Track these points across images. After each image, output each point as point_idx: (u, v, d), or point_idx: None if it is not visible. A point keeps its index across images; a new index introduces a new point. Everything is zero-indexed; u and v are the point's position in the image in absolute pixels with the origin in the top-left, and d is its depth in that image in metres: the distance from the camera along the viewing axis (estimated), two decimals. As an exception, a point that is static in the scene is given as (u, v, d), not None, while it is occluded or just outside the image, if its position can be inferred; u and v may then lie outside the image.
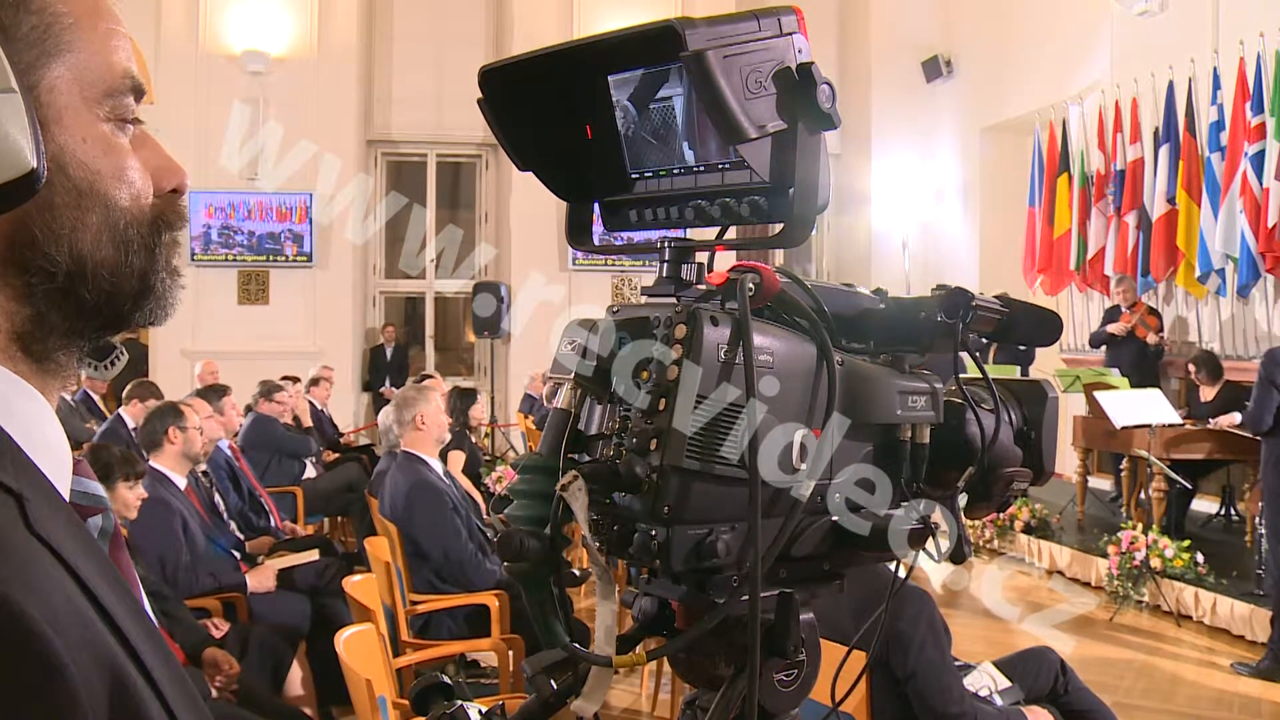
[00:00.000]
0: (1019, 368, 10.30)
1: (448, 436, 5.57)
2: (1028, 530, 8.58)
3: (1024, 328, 1.23)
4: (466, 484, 6.41)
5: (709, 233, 1.15)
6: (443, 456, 5.60)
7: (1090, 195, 10.87)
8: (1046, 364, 10.21)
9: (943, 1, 13.55)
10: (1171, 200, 9.68)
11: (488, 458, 10.06)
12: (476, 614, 4.76)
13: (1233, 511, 8.87)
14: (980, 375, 1.22)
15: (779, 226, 1.02)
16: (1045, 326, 1.27)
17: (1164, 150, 9.80)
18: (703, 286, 1.07)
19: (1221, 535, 8.34)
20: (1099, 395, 8.03)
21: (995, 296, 1.21)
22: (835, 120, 0.98)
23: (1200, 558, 6.96)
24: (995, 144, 12.86)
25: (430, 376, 9.14)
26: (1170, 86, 9.77)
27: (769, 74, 0.96)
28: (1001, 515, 8.66)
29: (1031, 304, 1.25)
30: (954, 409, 1.18)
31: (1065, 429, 9.56)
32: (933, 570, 8.11)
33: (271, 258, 12.64)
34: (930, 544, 1.18)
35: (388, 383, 12.53)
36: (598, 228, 1.20)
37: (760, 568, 0.98)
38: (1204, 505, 8.83)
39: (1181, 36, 9.72)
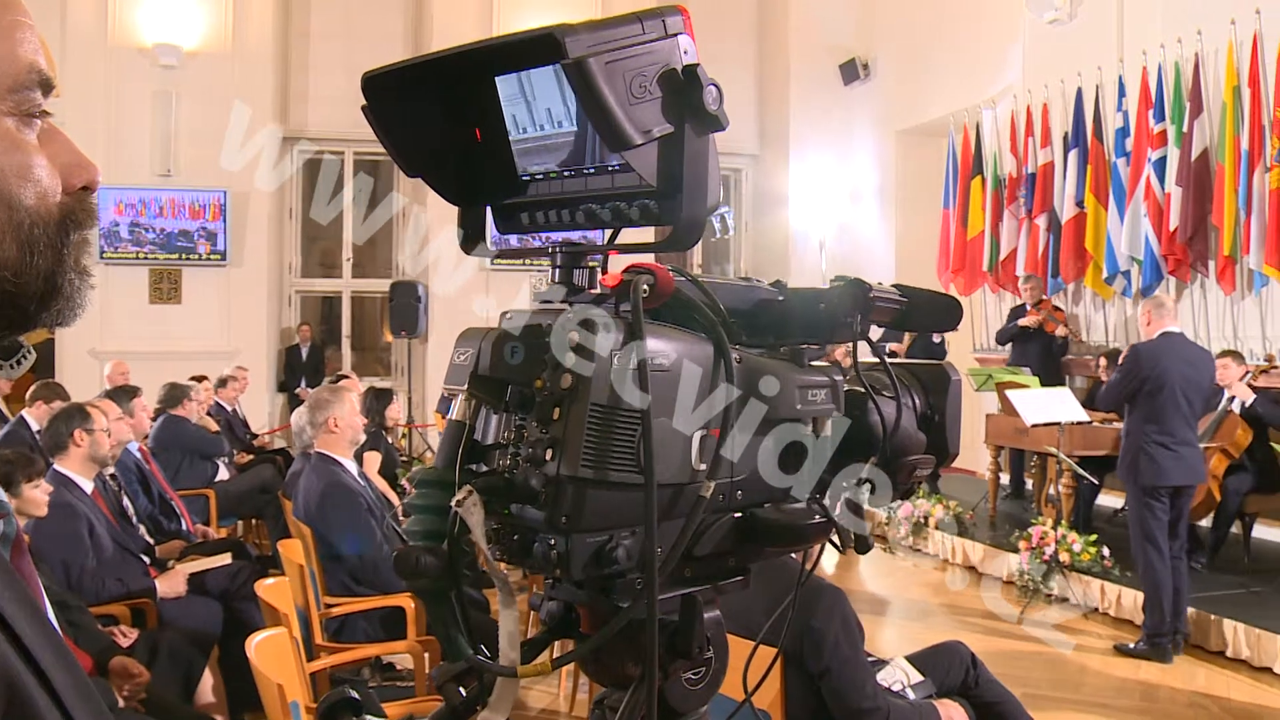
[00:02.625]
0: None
1: (362, 437, 5.50)
2: (941, 527, 8.72)
3: (924, 315, 1.24)
4: (382, 485, 6.34)
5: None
6: (358, 457, 5.53)
7: (1003, 198, 11.09)
8: (960, 364, 10.38)
9: (861, 6, 13.71)
10: (1080, 204, 9.93)
11: (405, 458, 9.97)
12: (392, 616, 4.71)
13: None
14: (880, 363, 1.24)
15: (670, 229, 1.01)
16: (945, 313, 1.28)
17: (1073, 155, 10.04)
18: (596, 290, 1.06)
19: (1126, 529, 8.52)
20: (1010, 394, 8.18)
21: (893, 286, 1.21)
22: (723, 121, 0.97)
23: (1106, 551, 7.14)
24: (911, 147, 13.05)
25: (346, 377, 9.02)
26: (1079, 93, 10.02)
27: (654, 77, 0.95)
28: (916, 512, 8.80)
29: (930, 291, 1.25)
30: (855, 399, 1.18)
31: (978, 426, 9.74)
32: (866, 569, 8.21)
33: (184, 256, 12.38)
34: (850, 535, 1.20)
35: (303, 383, 12.34)
36: (496, 232, 1.19)
37: (657, 576, 0.97)
38: (1110, 500, 9.03)
39: (1089, 45, 9.97)
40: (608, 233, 1.11)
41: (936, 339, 10.32)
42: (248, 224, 12.52)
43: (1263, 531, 7.97)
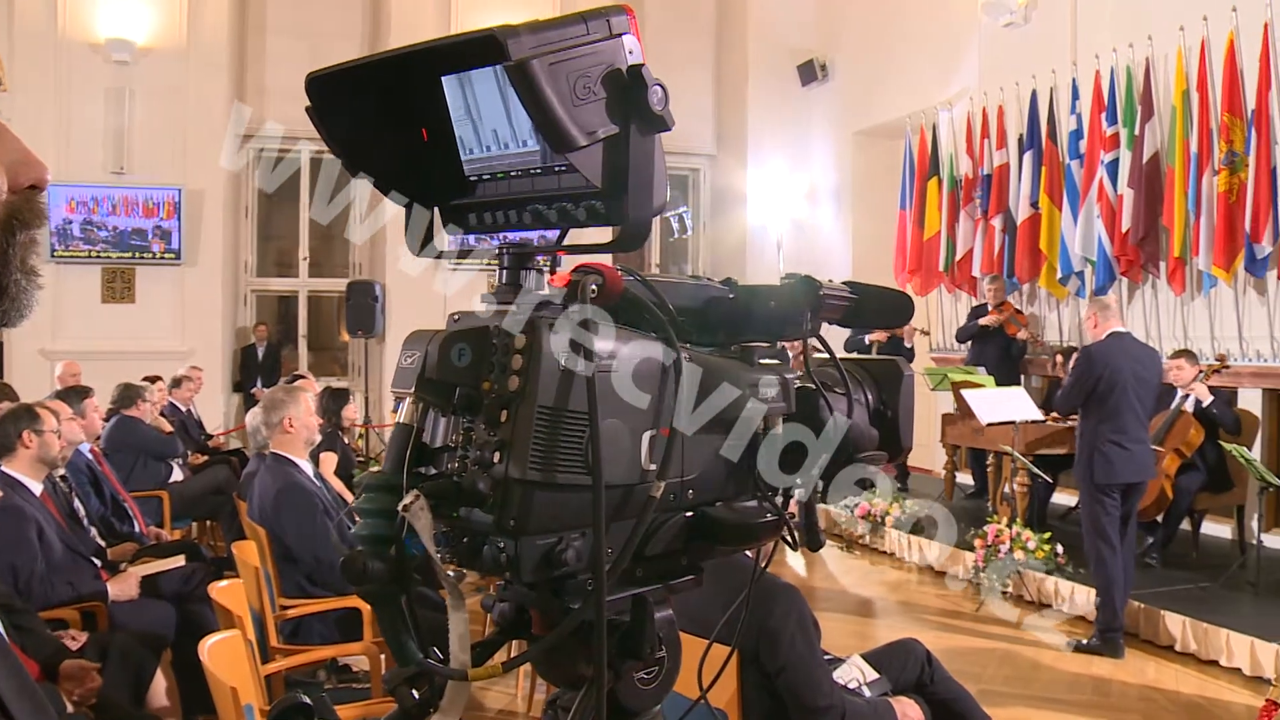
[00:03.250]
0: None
1: (318, 438, 5.46)
2: (898, 526, 8.78)
3: (874, 311, 1.25)
4: (339, 486, 6.29)
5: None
6: (314, 458, 5.49)
7: (959, 199, 11.19)
8: (918, 364, 10.46)
9: (819, 7, 13.77)
10: (1035, 205, 10.03)
11: (361, 459, 9.89)
12: (348, 617, 4.68)
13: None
14: (831, 360, 1.24)
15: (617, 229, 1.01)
16: (895, 308, 1.28)
17: (1028, 156, 10.14)
18: (544, 292, 1.06)
19: (1079, 527, 8.61)
20: (966, 393, 8.25)
21: (844, 283, 1.22)
22: (668, 121, 0.96)
23: (1060, 549, 7.23)
24: (868, 147, 13.12)
25: (302, 377, 8.95)
26: (1033, 96, 10.12)
27: (598, 78, 0.94)
28: (873, 511, 8.86)
29: (880, 287, 1.26)
30: (806, 397, 1.19)
31: (935, 426, 9.83)
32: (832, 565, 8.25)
33: (138, 254, 12.23)
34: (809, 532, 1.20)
35: (259, 383, 12.23)
36: (465, 235, 1.18)
37: (606, 578, 0.97)
38: (1064, 498, 9.13)
39: (1044, 48, 10.08)
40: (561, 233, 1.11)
41: (908, 344, 10.37)
42: (203, 222, 12.38)
43: (1210, 528, 8.10)
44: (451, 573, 1.04)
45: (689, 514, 1.11)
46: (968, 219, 11.04)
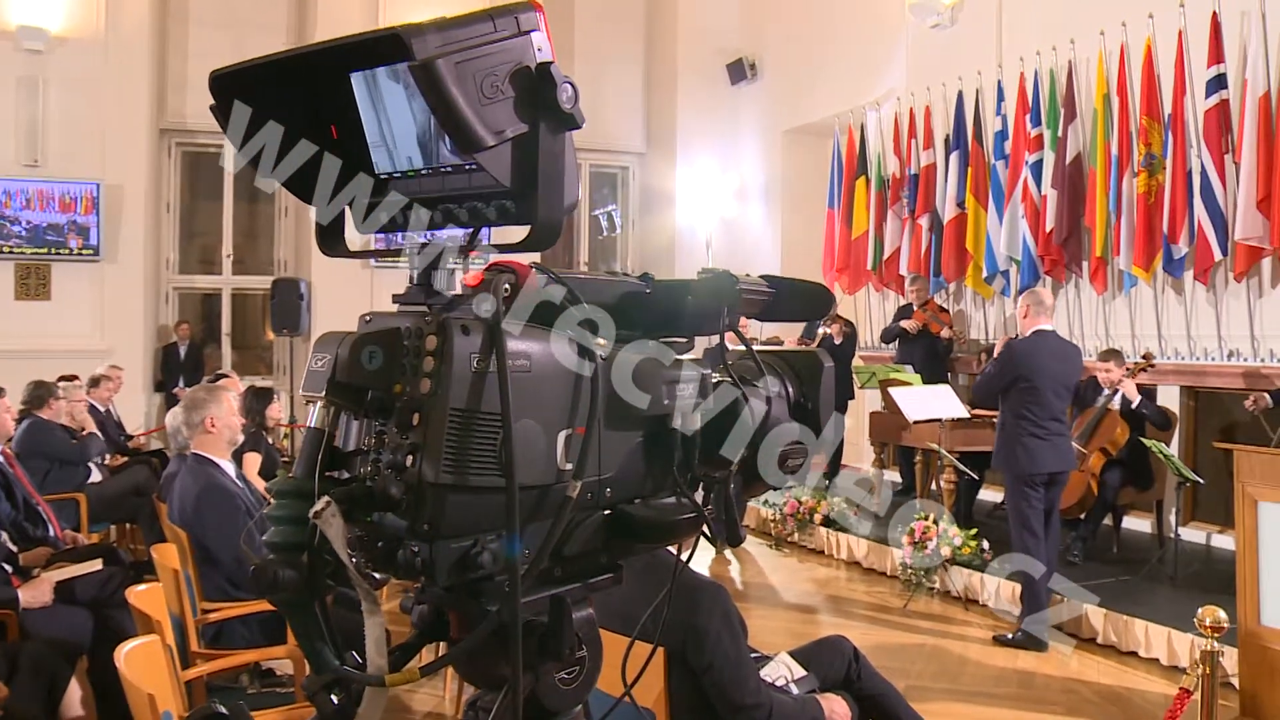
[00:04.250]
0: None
1: (241, 438, 5.37)
2: (827, 523, 8.86)
3: (792, 304, 1.26)
4: (262, 487, 6.19)
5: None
6: (237, 459, 5.40)
7: (886, 198, 11.31)
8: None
9: (748, 6, 13.84)
10: (961, 205, 10.17)
11: (286, 459, 9.76)
12: (272, 620, 4.60)
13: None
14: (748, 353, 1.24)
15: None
16: (813, 301, 1.29)
17: (954, 157, 10.29)
18: (456, 292, 1.05)
19: (1005, 523, 8.74)
20: (893, 391, 8.34)
21: (761, 277, 1.22)
22: (578, 119, 0.96)
23: (986, 544, 7.34)
24: (797, 146, 13.22)
25: (226, 375, 8.79)
26: (959, 97, 10.27)
27: (506, 76, 0.93)
28: (801, 509, 8.92)
29: (798, 280, 1.27)
30: (725, 392, 1.19)
31: (863, 423, 9.93)
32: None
33: (54, 250, 11.93)
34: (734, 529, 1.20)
35: (181, 383, 11.99)
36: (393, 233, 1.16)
37: (520, 581, 0.97)
38: (989, 495, 9.27)
39: (970, 50, 10.24)
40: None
41: (837, 340, 10.43)
42: (123, 218, 12.12)
43: (1131, 523, 8.28)
44: (379, 575, 1.03)
45: (607, 512, 1.11)
46: (895, 218, 11.17)
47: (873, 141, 11.69)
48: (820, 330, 10.37)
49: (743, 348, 1.25)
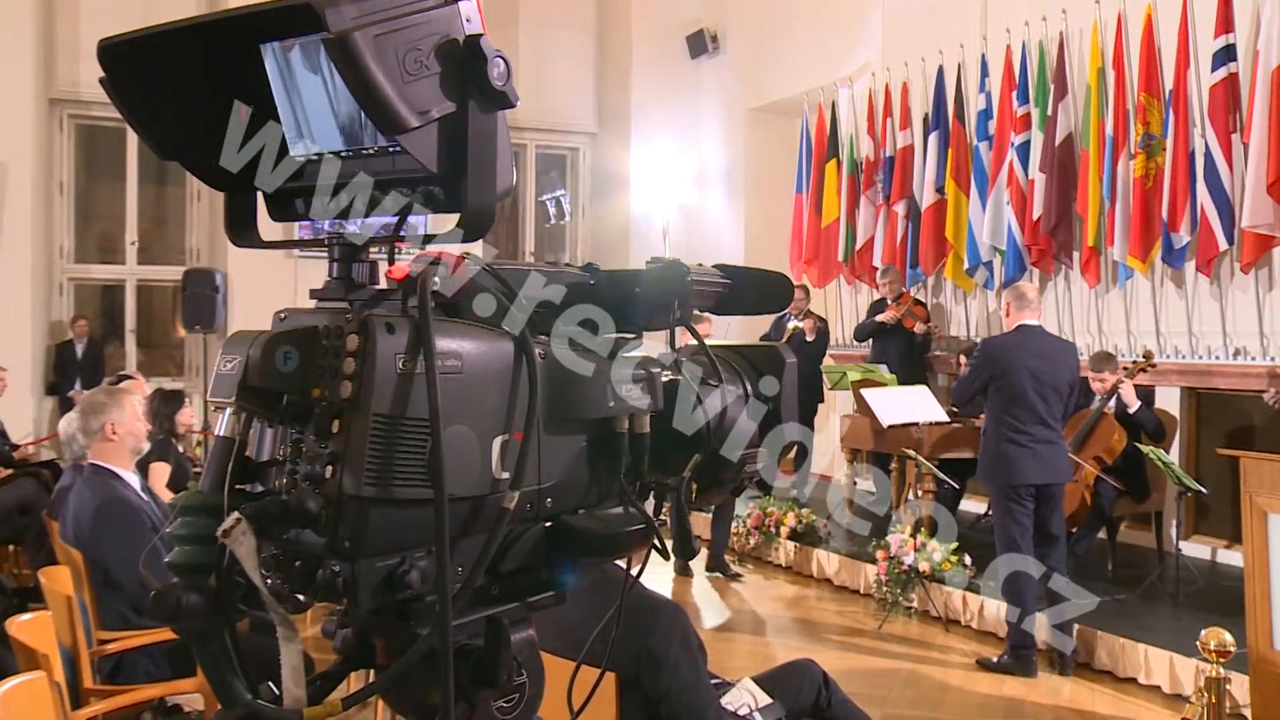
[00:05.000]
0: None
1: (146, 446, 5.31)
2: (794, 537, 8.91)
3: (749, 296, 1.27)
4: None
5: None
6: (142, 469, 5.34)
7: (859, 183, 11.40)
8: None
9: (709, -28, 13.86)
10: (940, 190, 10.25)
11: (198, 470, 9.66)
12: (179, 651, 4.56)
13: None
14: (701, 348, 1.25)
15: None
16: (772, 292, 1.30)
17: (933, 138, 10.37)
18: (380, 286, 1.05)
19: (989, 536, 8.81)
20: (866, 393, 8.39)
21: (715, 266, 1.23)
22: (511, 98, 0.96)
23: (969, 560, 7.41)
24: (762, 126, 13.27)
25: (129, 377, 8.68)
26: (940, 73, 10.35)
27: (430, 50, 0.93)
28: (767, 521, 8.96)
29: (755, 270, 1.28)
30: (676, 392, 1.20)
31: (834, 428, 9.97)
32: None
33: (-71, 237, 11.72)
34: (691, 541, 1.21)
35: (78, 384, 11.82)
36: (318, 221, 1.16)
37: (451, 601, 0.97)
38: (972, 505, 9.35)
39: (952, 22, 10.31)
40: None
41: (810, 336, 10.45)
42: (6, 200, 11.92)
43: (1128, 536, 8.34)
44: (302, 598, 1.02)
45: (548, 524, 1.12)
46: (869, 205, 11.24)
47: (845, 121, 11.76)
48: (790, 325, 10.42)
49: (696, 343, 1.26)
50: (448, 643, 0.97)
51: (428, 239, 1.04)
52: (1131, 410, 7.64)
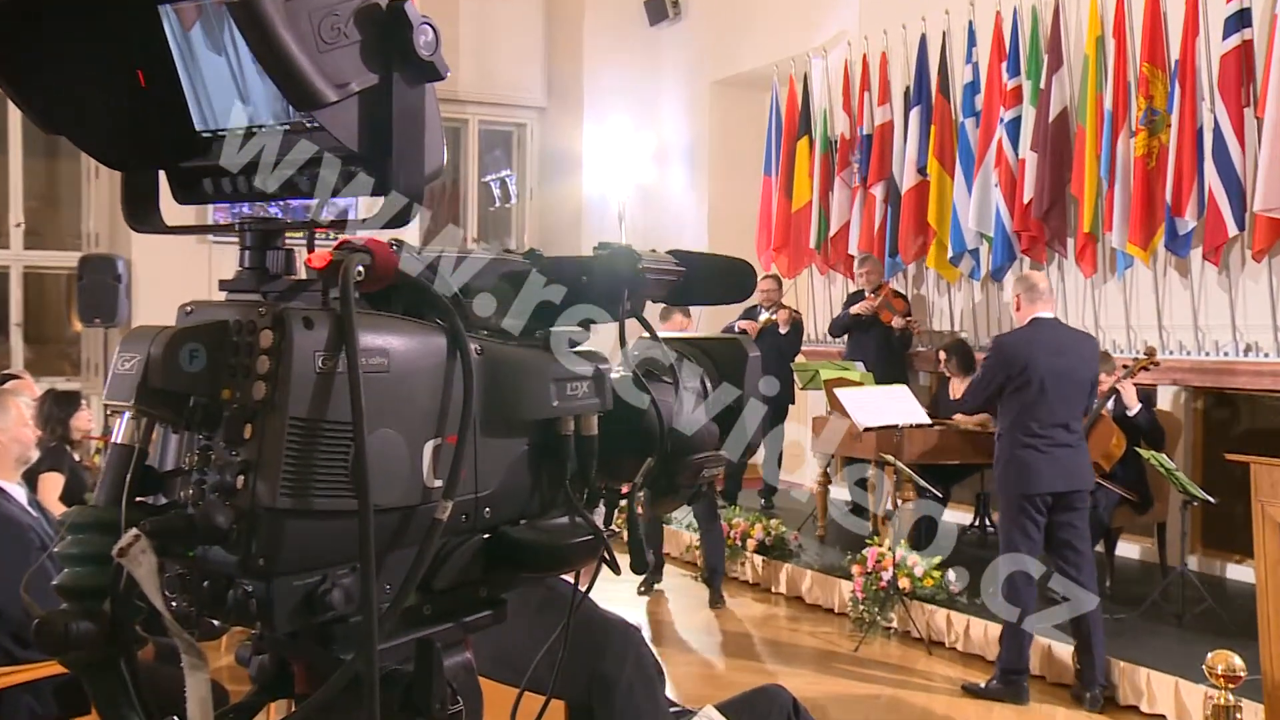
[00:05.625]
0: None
1: (35, 454, 5.25)
2: (762, 550, 8.94)
3: (707, 286, 1.27)
4: (67, 515, 6.06)
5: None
6: (30, 480, 5.28)
7: (833, 163, 11.41)
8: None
9: (670, -71, 13.84)
10: (922, 170, 10.28)
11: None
12: (69, 686, 4.51)
13: (987, 522, 9.49)
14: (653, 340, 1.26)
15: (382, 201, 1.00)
16: (732, 281, 1.31)
17: (915, 113, 10.40)
18: (297, 276, 1.04)
19: (975, 550, 8.88)
20: (840, 393, 8.40)
21: (669, 253, 1.24)
22: (440, 69, 0.96)
23: (952, 575, 7.44)
24: (727, 100, 13.28)
25: (15, 376, 8.58)
26: (922, 42, 10.38)
27: (349, 16, 0.93)
28: (732, 533, 8.97)
29: (714, 256, 1.29)
30: (627, 390, 1.21)
31: (806, 431, 9.99)
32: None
33: None
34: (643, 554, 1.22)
35: (-40, 385, 11.69)
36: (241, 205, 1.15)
37: (376, 623, 0.97)
38: (956, 516, 9.40)
39: (934, -16, 10.31)
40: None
41: (784, 329, 10.43)
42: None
43: (1127, 549, 8.41)
44: (217, 623, 1.02)
45: (486, 536, 1.12)
46: (844, 187, 11.27)
47: (818, 95, 11.79)
48: (761, 318, 10.43)
49: (649, 337, 1.27)
50: (373, 668, 0.97)
51: (344, 224, 1.04)
52: (1132, 413, 7.63)
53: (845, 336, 10.53)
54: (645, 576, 8.44)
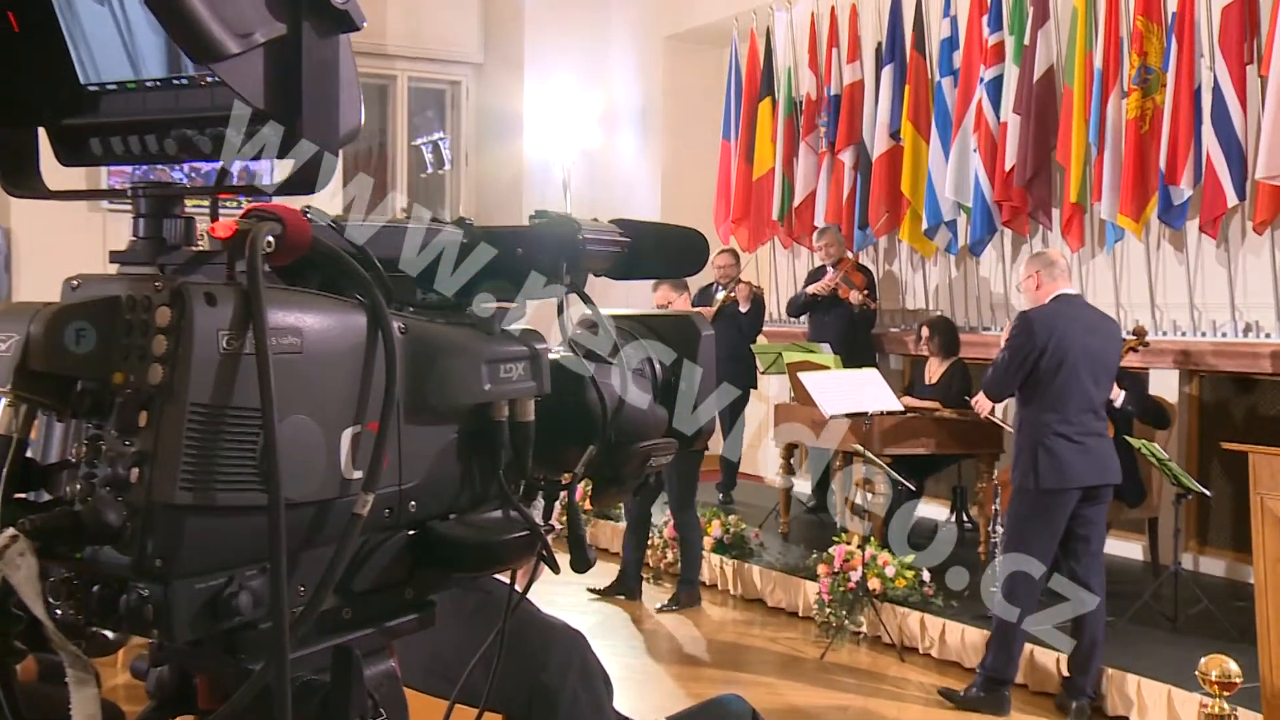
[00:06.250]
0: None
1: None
2: (719, 549, 8.96)
3: (655, 257, 1.28)
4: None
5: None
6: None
7: (798, 126, 11.43)
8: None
9: None
10: (895, 135, 10.32)
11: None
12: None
13: (965, 517, 9.55)
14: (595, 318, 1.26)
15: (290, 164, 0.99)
16: (682, 252, 1.31)
17: (887, 72, 10.44)
18: (199, 247, 1.03)
19: (954, 548, 8.92)
20: (804, 377, 8.39)
21: (612, 222, 1.24)
22: (355, 19, 0.95)
23: (927, 576, 7.48)
24: (682, 57, 13.29)
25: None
26: (896, -8, 10.38)
27: None
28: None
29: (662, 226, 1.29)
30: (566, 372, 1.22)
31: (767, 418, 10.00)
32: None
33: None
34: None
35: None
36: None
37: (287, 629, 0.96)
38: (931, 511, 9.45)
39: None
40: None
41: (744, 307, 10.43)
42: None
43: (1116, 546, 8.43)
44: (112, 636, 1.01)
45: (411, 532, 1.12)
46: (809, 152, 11.29)
47: (782, 52, 11.80)
48: (719, 296, 10.40)
49: (591, 314, 1.27)
50: (285, 679, 0.96)
51: (252, 189, 1.03)
52: (1116, 404, 7.63)
53: (805, 317, 10.53)
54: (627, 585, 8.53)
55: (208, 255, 1.02)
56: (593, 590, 8.48)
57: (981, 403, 7.53)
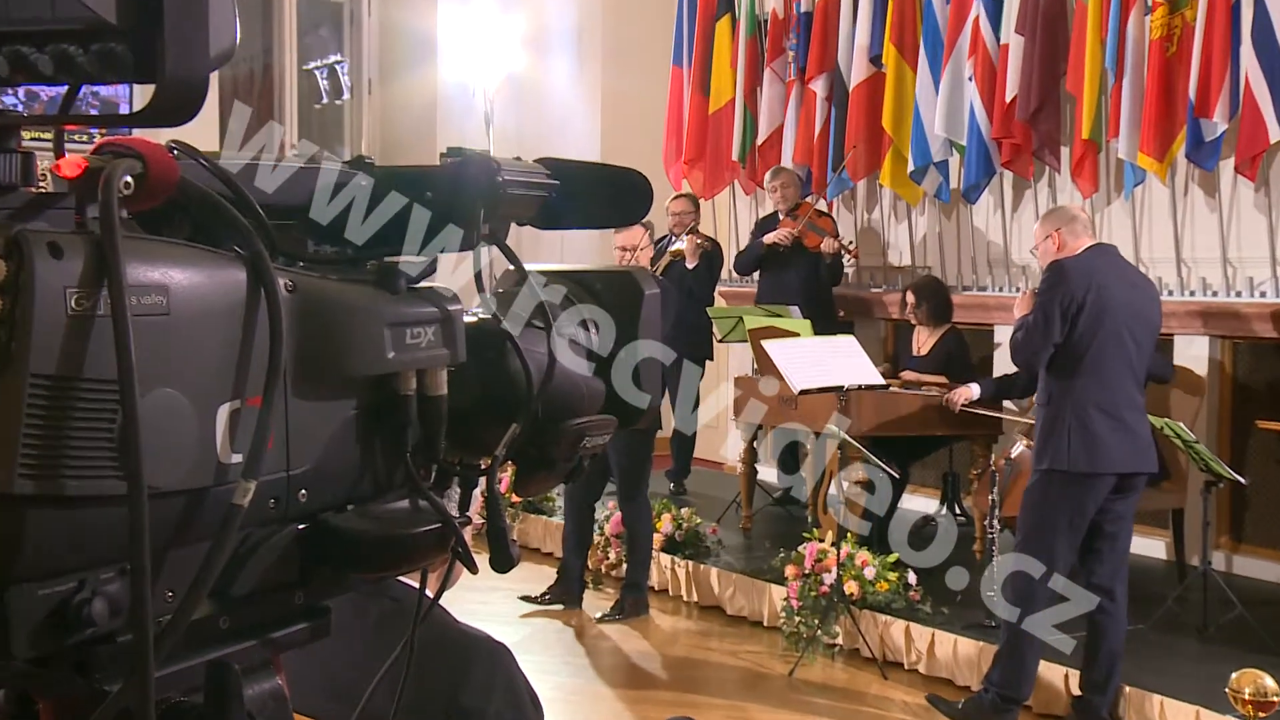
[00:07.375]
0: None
1: None
2: (671, 548, 8.98)
3: (588, 203, 1.28)
4: None
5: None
6: None
7: (762, 50, 11.45)
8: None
9: None
10: (876, 61, 10.32)
11: None
12: None
13: (957, 509, 9.66)
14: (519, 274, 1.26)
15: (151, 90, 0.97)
16: (619, 195, 1.32)
17: (867, -15, 10.41)
18: (40, 188, 1.02)
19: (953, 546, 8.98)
20: (770, 346, 8.37)
21: (538, 162, 1.24)
22: None
23: (913, 578, 7.54)
24: (625, -34, 13.27)
25: None
26: (877, -111, 10.38)
27: None
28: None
29: (597, 166, 1.29)
30: (484, 337, 1.22)
31: (726, 394, 10.02)
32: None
33: None
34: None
35: None
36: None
37: (151, 643, 0.95)
38: (918, 502, 9.51)
39: None
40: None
41: (691, 264, 10.43)
42: None
43: (1139, 544, 8.44)
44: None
45: (302, 526, 1.12)
46: (775, 81, 11.31)
47: (743, -39, 11.80)
48: (671, 249, 10.38)
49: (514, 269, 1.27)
50: (149, 702, 0.96)
51: (107, 119, 1.02)
52: None
53: (757, 275, 10.54)
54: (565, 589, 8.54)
55: (51, 198, 1.00)
56: (526, 598, 8.47)
57: (959, 392, 7.58)
